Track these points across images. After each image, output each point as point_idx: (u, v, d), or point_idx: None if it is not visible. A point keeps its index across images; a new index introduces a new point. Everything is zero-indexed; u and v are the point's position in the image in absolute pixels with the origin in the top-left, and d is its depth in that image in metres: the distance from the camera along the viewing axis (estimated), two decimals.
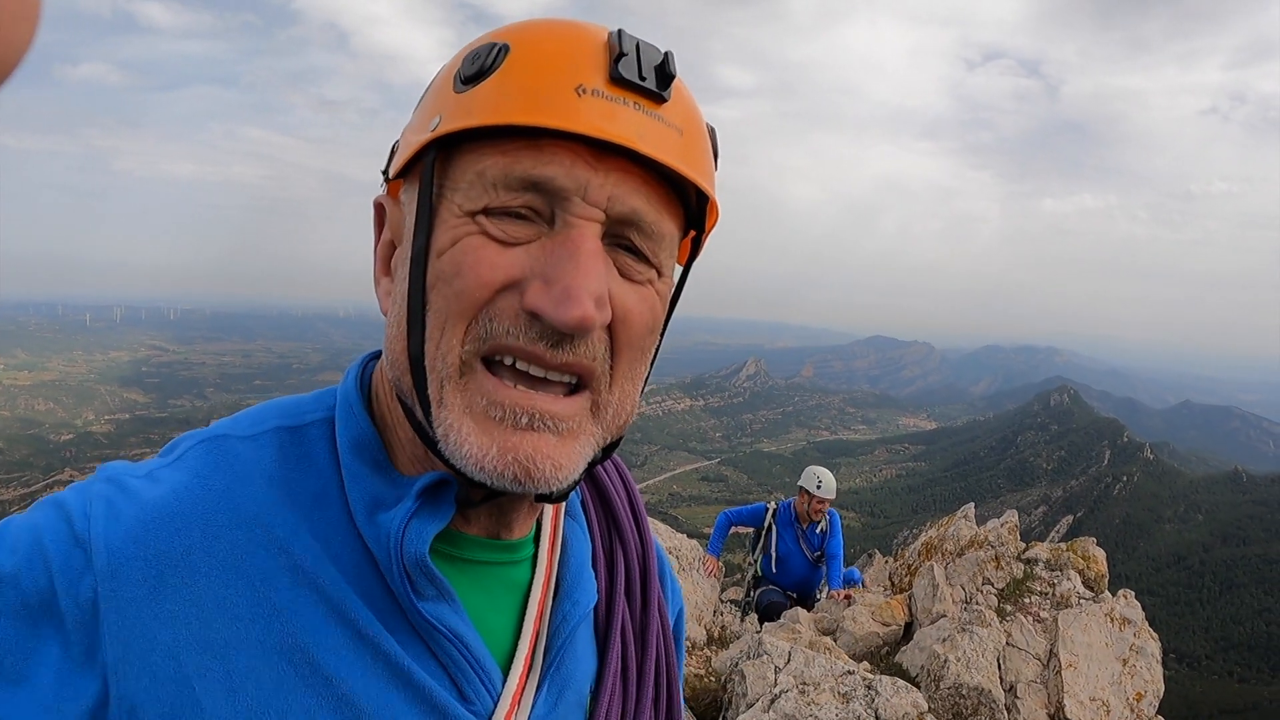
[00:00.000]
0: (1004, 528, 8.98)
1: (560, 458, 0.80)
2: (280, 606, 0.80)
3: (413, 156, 0.86)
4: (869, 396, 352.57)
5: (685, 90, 0.87)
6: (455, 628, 0.86)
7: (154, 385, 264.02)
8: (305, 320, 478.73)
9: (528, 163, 0.78)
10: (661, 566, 1.20)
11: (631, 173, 0.81)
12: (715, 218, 0.95)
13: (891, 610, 8.18)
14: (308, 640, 0.80)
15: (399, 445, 0.91)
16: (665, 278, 0.89)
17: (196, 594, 0.78)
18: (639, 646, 1.07)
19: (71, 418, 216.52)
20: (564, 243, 0.79)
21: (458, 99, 0.81)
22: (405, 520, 0.83)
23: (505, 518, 0.94)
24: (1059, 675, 6.69)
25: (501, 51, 0.81)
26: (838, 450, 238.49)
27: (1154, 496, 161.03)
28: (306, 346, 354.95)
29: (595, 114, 0.78)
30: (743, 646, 5.88)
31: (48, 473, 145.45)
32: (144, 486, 0.83)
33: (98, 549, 0.76)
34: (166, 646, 0.75)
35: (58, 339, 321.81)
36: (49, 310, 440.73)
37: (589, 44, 0.81)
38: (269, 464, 0.87)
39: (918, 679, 6.74)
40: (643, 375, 0.91)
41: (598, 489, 1.14)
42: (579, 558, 1.03)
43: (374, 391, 0.95)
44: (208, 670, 0.76)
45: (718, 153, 0.94)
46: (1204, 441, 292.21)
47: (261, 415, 0.93)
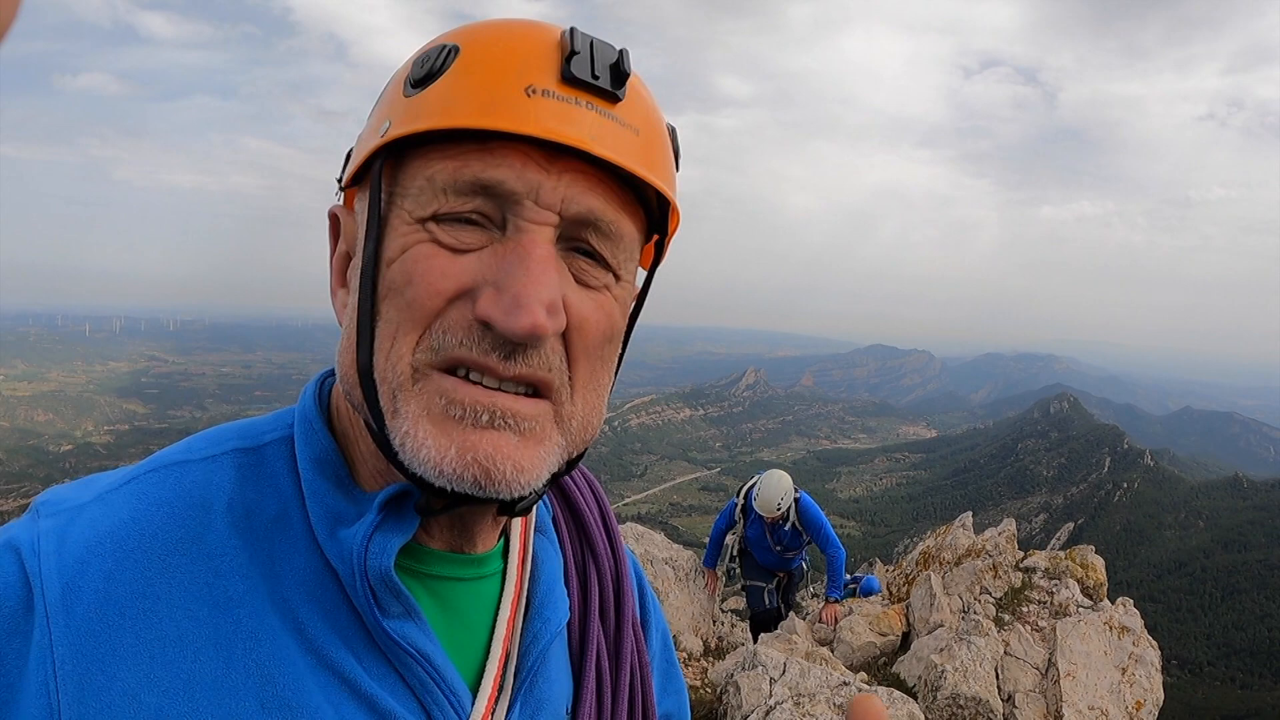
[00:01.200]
0: (1001, 536, 8.95)
1: (522, 459, 0.78)
2: (244, 633, 0.77)
3: (363, 163, 0.84)
4: (869, 405, 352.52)
5: (643, 89, 0.85)
6: (422, 647, 0.83)
7: (153, 396, 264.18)
8: (305, 331, 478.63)
9: (477, 166, 0.76)
10: (640, 583, 1.17)
11: (586, 174, 0.79)
12: (677, 221, 0.93)
13: (889, 620, 8.15)
14: (273, 668, 0.76)
15: (361, 460, 0.88)
16: (624, 282, 0.86)
17: (158, 628, 0.74)
18: (613, 665, 1.03)
19: (71, 428, 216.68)
20: (515, 249, 0.76)
21: (407, 103, 0.79)
22: (368, 534, 0.80)
23: (467, 530, 0.91)
24: (1057, 685, 6.66)
25: (451, 53, 0.79)
26: (838, 459, 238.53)
27: (1155, 503, 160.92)
28: (306, 357, 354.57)
29: (546, 115, 0.75)
30: (738, 658, 5.85)
31: (47, 484, 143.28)
32: (96, 512, 0.79)
33: (50, 586, 0.72)
34: (126, 685, 0.71)
35: (57, 350, 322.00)
36: (48, 321, 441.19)
37: (540, 43, 0.79)
38: (228, 487, 0.84)
39: (915, 689, 6.71)
40: (607, 385, 0.89)
41: (569, 503, 1.11)
42: (550, 574, 0.99)
43: (334, 408, 0.92)
44: (168, 710, 0.72)
45: (679, 153, 0.91)
46: (1204, 447, 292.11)
47: (218, 437, 0.90)
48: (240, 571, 0.79)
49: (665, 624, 1.24)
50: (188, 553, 0.78)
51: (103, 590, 0.73)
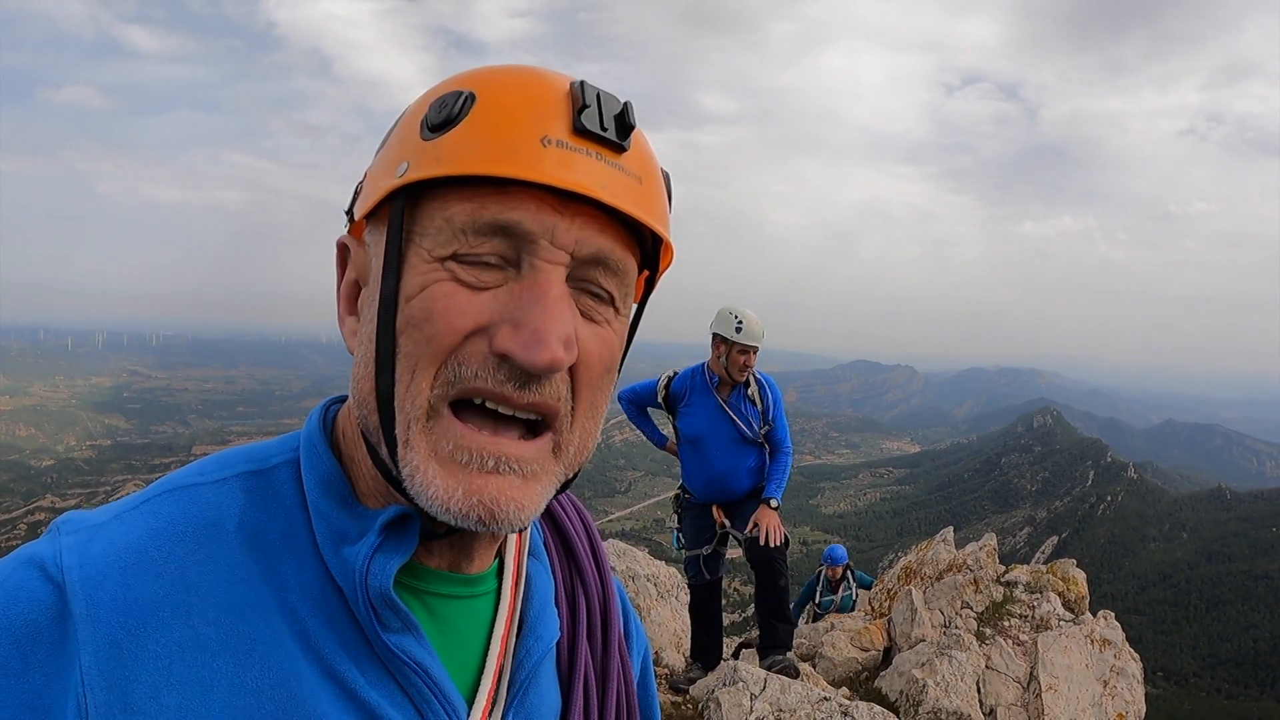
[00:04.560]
0: (983, 551, 8.98)
1: (523, 499, 0.84)
2: (255, 640, 0.82)
3: (380, 200, 0.88)
4: (852, 420, 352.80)
5: (643, 139, 0.91)
6: (420, 659, 0.88)
7: (136, 411, 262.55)
8: (288, 347, 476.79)
9: (494, 208, 0.81)
10: (624, 607, 1.22)
11: (595, 218, 0.84)
12: (669, 258, 1.00)
13: (870, 635, 8.15)
14: (281, 673, 0.82)
15: (362, 479, 0.93)
16: (622, 316, 0.93)
17: (176, 634, 0.79)
18: (600, 685, 1.09)
19: (53, 443, 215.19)
20: (531, 287, 0.81)
21: (424, 146, 0.83)
22: (369, 554, 0.85)
23: (467, 550, 0.97)
24: (1039, 698, 6.67)
25: (468, 100, 0.84)
26: (822, 474, 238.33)
27: (1138, 515, 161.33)
28: (289, 373, 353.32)
29: (559, 164, 0.81)
30: (719, 674, 5.82)
31: (29, 499, 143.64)
32: (115, 530, 0.84)
33: (74, 597, 0.77)
34: (148, 687, 0.76)
35: (39, 364, 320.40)
36: (30, 335, 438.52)
37: (552, 95, 0.84)
38: (238, 507, 0.89)
39: (897, 704, 6.70)
40: (602, 413, 0.94)
41: (558, 530, 1.16)
42: (542, 594, 1.05)
43: (339, 431, 0.98)
44: (188, 710, 0.77)
45: (672, 197, 0.98)
46: (1187, 460, 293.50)
47: (228, 460, 0.95)
48: (250, 584, 0.84)
49: (648, 645, 1.29)
50: (201, 566, 0.83)
51: (123, 600, 0.78)
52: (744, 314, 6.32)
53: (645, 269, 0.98)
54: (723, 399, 6.48)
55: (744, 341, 6.29)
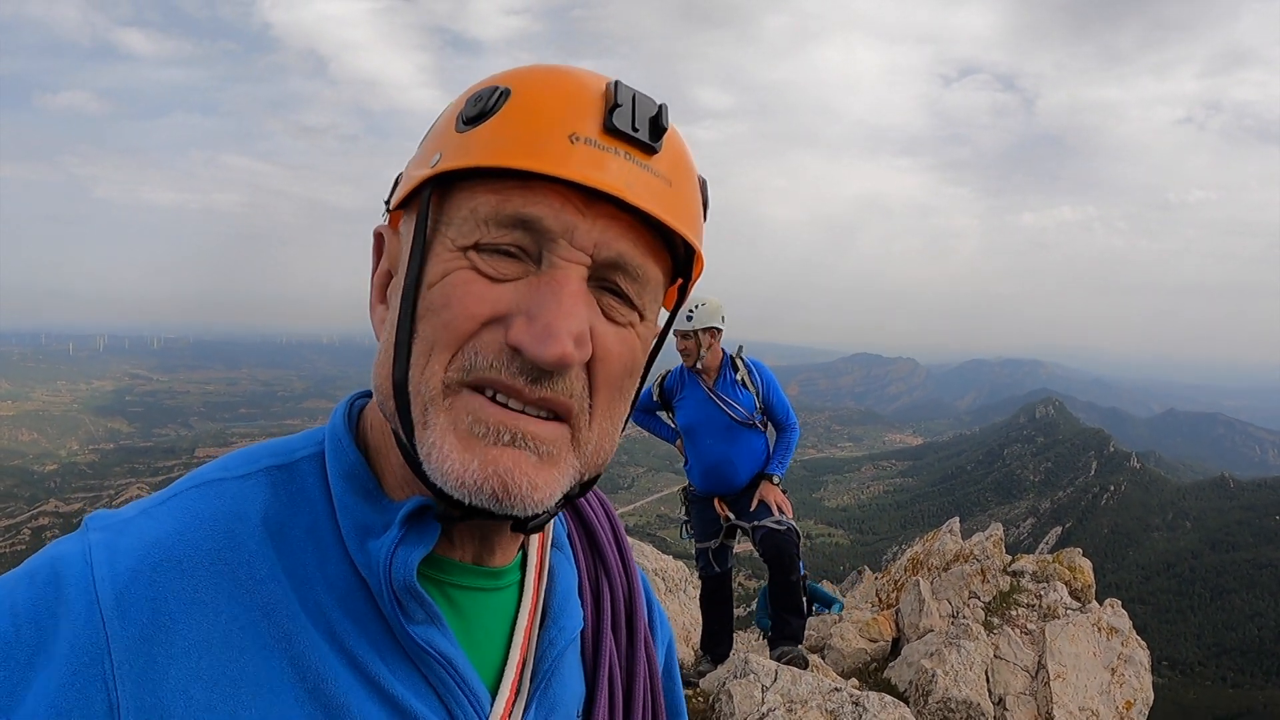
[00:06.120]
0: (989, 541, 9.00)
1: (537, 478, 0.83)
2: (282, 634, 0.82)
3: (413, 190, 0.89)
4: (855, 413, 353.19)
5: (679, 142, 0.91)
6: (444, 650, 0.88)
7: (138, 414, 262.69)
8: (289, 348, 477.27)
9: (518, 202, 0.81)
10: (649, 597, 1.22)
11: (619, 219, 0.84)
12: (701, 267, 0.98)
13: (879, 626, 8.17)
14: (308, 666, 0.82)
15: (389, 471, 0.93)
16: (648, 321, 0.92)
17: (204, 630, 0.79)
18: (625, 674, 1.10)
19: (55, 448, 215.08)
20: (548, 282, 0.81)
21: (458, 138, 0.85)
22: (393, 547, 0.85)
23: (489, 542, 0.97)
24: (1047, 686, 6.69)
25: (502, 95, 0.84)
26: (825, 468, 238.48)
27: (1142, 505, 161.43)
28: (291, 374, 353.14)
29: (586, 162, 0.81)
30: (730, 666, 5.85)
31: (32, 503, 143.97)
32: (143, 525, 0.84)
33: (104, 592, 0.77)
34: (177, 682, 0.76)
35: (40, 369, 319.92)
36: (32, 340, 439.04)
37: (586, 93, 0.85)
38: (263, 501, 0.89)
39: (906, 694, 6.72)
40: (622, 415, 0.94)
41: (582, 522, 1.17)
42: (565, 586, 1.05)
43: (365, 423, 0.98)
44: (216, 705, 0.77)
45: (708, 204, 0.97)
46: (1190, 449, 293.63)
47: (253, 456, 0.95)
48: (276, 578, 0.84)
49: (672, 636, 1.29)
50: (228, 561, 0.83)
51: (152, 596, 0.78)
52: (697, 303, 6.28)
53: (679, 277, 0.97)
54: (709, 386, 6.55)
55: (689, 327, 6.30)
